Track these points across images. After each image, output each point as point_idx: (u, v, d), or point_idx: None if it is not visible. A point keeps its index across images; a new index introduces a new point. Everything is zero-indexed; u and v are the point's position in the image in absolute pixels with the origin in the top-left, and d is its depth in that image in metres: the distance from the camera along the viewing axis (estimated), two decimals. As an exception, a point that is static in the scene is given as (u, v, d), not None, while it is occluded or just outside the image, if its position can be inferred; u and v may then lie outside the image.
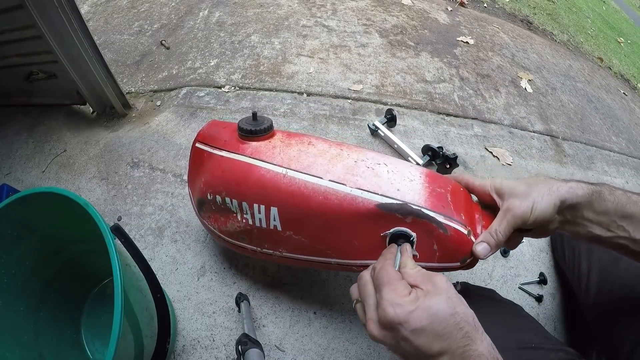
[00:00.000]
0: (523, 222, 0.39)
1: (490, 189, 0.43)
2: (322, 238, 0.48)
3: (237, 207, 0.51)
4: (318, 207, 0.45)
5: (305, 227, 0.48)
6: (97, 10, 1.37)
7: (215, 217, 0.55)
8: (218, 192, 0.51)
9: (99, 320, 0.59)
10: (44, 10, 0.70)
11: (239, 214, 0.51)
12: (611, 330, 0.51)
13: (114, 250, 0.40)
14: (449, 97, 1.09)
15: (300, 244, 0.49)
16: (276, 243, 0.51)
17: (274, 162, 0.48)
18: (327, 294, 0.66)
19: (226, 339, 0.60)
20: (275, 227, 0.49)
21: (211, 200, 0.53)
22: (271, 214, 0.48)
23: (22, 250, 0.50)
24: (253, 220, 0.50)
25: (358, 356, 0.61)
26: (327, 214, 0.45)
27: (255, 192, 0.48)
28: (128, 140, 0.86)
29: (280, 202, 0.47)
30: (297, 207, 0.46)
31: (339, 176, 0.45)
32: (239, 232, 0.53)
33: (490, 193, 0.43)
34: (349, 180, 0.44)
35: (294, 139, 0.51)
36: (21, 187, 0.78)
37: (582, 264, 0.63)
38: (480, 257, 0.41)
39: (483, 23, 1.58)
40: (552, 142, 1.07)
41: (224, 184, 0.51)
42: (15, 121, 0.92)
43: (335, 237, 0.47)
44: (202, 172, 0.54)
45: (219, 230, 0.55)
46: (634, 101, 1.58)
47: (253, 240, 0.53)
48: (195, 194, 0.56)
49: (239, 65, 1.07)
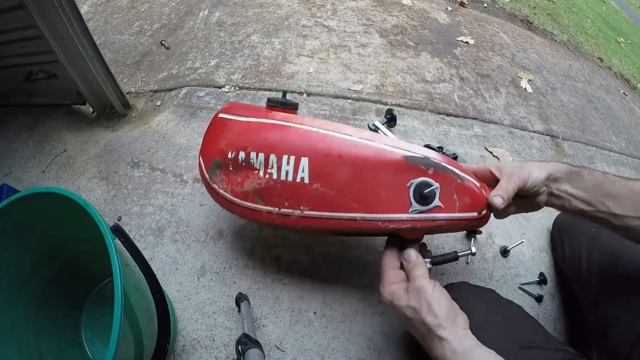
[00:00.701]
0: (523, 183, 0.47)
1: (491, 167, 0.51)
2: (349, 190, 0.49)
3: (261, 162, 0.52)
4: (349, 157, 0.49)
5: (333, 179, 0.50)
6: (97, 10, 1.37)
7: (230, 179, 0.55)
8: (242, 148, 0.53)
9: (99, 320, 0.59)
10: (44, 10, 0.70)
11: (262, 170, 0.52)
12: (611, 330, 0.51)
13: (114, 250, 0.40)
14: (449, 97, 1.09)
15: (325, 198, 0.50)
16: (299, 199, 0.51)
17: (305, 123, 0.52)
18: (327, 294, 0.66)
19: (226, 339, 0.60)
20: (302, 179, 0.50)
21: (231, 159, 0.54)
22: (300, 165, 0.50)
23: (22, 250, 0.50)
24: (279, 173, 0.51)
25: (358, 356, 0.61)
26: (357, 164, 0.49)
27: (286, 145, 0.51)
28: (128, 140, 0.86)
29: (312, 152, 0.50)
30: (329, 156, 0.49)
31: (368, 136, 0.50)
32: (256, 191, 0.53)
33: (492, 170, 0.51)
34: (377, 139, 0.50)
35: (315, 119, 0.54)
36: (21, 187, 0.78)
37: (582, 264, 0.63)
38: (496, 206, 0.46)
39: (483, 23, 1.58)
40: (552, 142, 1.07)
41: (252, 139, 0.53)
42: (15, 121, 0.92)
43: (362, 188, 0.49)
44: (225, 136, 0.56)
45: (232, 193, 0.54)
46: (634, 101, 1.58)
47: (272, 199, 0.52)
48: (211, 157, 0.57)
49: (239, 65, 1.07)
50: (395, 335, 0.63)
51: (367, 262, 0.70)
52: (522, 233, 0.80)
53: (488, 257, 0.74)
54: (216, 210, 0.74)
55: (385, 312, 0.65)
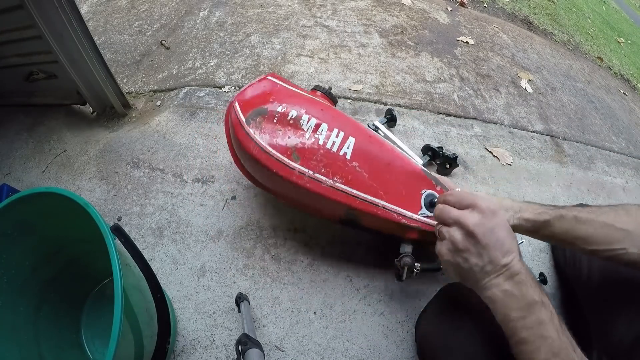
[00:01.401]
0: None
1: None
2: (380, 178, 0.56)
3: (311, 126, 0.56)
4: (387, 152, 0.58)
5: (370, 164, 0.56)
6: (97, 10, 1.37)
7: (271, 129, 0.56)
8: (296, 108, 0.57)
9: (99, 320, 0.59)
10: (44, 10, 0.70)
11: (310, 132, 0.56)
12: (612, 330, 0.51)
13: (114, 250, 0.40)
14: (449, 97, 1.09)
15: (359, 177, 0.55)
16: (336, 170, 0.55)
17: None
18: (327, 294, 0.66)
19: (226, 339, 0.60)
20: (345, 154, 0.56)
21: (280, 113, 0.56)
22: (347, 142, 0.56)
23: (22, 250, 0.50)
24: (326, 141, 0.56)
25: (358, 356, 0.61)
26: (390, 159, 0.57)
27: (338, 121, 0.58)
28: (128, 140, 0.86)
29: (359, 135, 0.57)
30: (372, 144, 0.58)
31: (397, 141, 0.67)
32: (297, 149, 0.55)
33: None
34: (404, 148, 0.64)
35: None
36: (21, 187, 0.78)
37: (582, 264, 0.63)
38: None
39: (483, 23, 1.58)
40: (552, 142, 1.07)
41: (307, 104, 0.58)
42: (15, 121, 0.92)
43: (390, 180, 0.57)
44: (275, 93, 0.59)
45: (268, 143, 0.55)
46: (634, 101, 1.58)
47: (310, 162, 0.54)
48: (254, 104, 0.58)
49: (239, 65, 1.07)
50: (395, 335, 0.63)
51: (368, 262, 0.70)
52: (522, 233, 0.80)
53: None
54: (216, 210, 0.74)
55: (385, 312, 0.65)
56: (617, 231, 0.46)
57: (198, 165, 0.81)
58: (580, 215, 0.48)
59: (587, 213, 0.48)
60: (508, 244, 0.40)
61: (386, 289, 0.68)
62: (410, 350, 0.62)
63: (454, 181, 0.86)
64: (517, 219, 0.49)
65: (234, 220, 0.73)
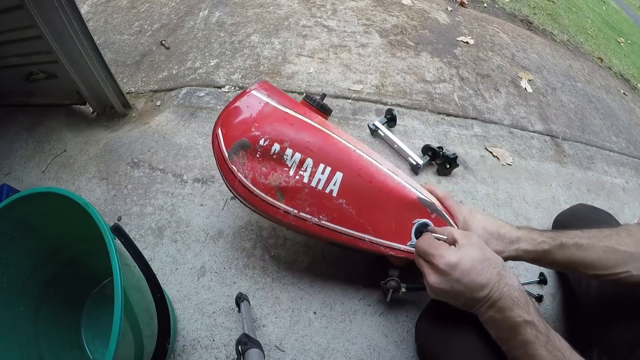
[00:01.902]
0: None
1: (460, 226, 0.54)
2: (368, 213, 0.54)
3: (295, 162, 0.53)
4: (377, 184, 0.54)
5: (358, 199, 0.54)
6: (97, 10, 1.37)
7: (253, 166, 0.53)
8: (279, 141, 0.52)
9: (99, 320, 0.59)
10: (44, 10, 0.70)
11: (294, 169, 0.53)
12: (611, 330, 0.51)
13: (114, 250, 0.40)
14: (449, 97, 1.09)
15: (346, 214, 0.54)
16: (322, 208, 0.53)
17: (343, 138, 0.55)
18: (327, 294, 0.66)
19: (226, 339, 0.60)
20: (331, 191, 0.53)
21: (262, 147, 0.53)
22: (334, 178, 0.53)
23: (22, 250, 0.50)
24: (310, 179, 0.53)
25: (358, 356, 0.61)
26: (382, 193, 0.54)
27: (325, 154, 0.53)
28: (128, 140, 0.86)
29: (348, 169, 0.53)
30: (361, 178, 0.54)
31: (392, 168, 0.56)
32: (281, 188, 0.52)
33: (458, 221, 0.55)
34: (399, 173, 0.56)
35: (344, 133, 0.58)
36: (21, 187, 0.78)
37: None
38: None
39: (483, 23, 1.58)
40: (552, 142, 1.07)
41: (291, 136, 0.53)
42: (15, 121, 0.92)
43: (380, 215, 0.54)
44: (258, 119, 0.54)
45: (251, 181, 0.53)
46: (634, 101, 1.58)
47: (294, 201, 0.53)
48: (236, 135, 0.54)
49: (239, 65, 1.07)
50: (395, 335, 0.63)
51: (368, 261, 0.70)
52: (522, 233, 0.80)
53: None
54: (216, 210, 0.74)
55: (385, 312, 0.65)
56: (620, 254, 0.46)
57: (198, 165, 0.81)
58: (581, 242, 0.48)
59: (588, 238, 0.48)
60: (482, 278, 0.41)
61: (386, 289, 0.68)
62: (410, 350, 0.62)
63: (454, 181, 0.86)
64: (515, 251, 0.49)
65: (234, 220, 0.73)
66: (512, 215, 0.83)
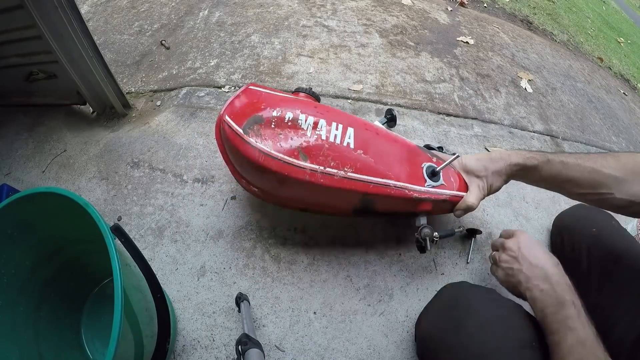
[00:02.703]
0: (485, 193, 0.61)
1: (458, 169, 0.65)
2: (385, 160, 0.59)
3: (310, 124, 0.57)
4: (383, 135, 0.62)
5: (373, 149, 0.59)
6: (97, 10, 1.37)
7: (272, 134, 0.55)
8: (290, 110, 0.57)
9: (99, 320, 0.59)
10: (44, 10, 0.70)
11: (310, 130, 0.57)
12: (611, 331, 0.51)
13: (114, 250, 0.40)
14: (449, 97, 1.09)
15: (367, 164, 0.58)
16: (345, 161, 0.57)
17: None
18: (327, 294, 0.66)
19: (226, 339, 0.60)
20: (348, 144, 0.58)
21: (276, 117, 0.56)
22: (347, 132, 0.58)
23: (22, 250, 0.50)
24: (328, 135, 0.57)
25: (358, 356, 0.61)
26: (389, 141, 0.61)
27: (334, 115, 0.60)
28: (128, 140, 0.86)
29: (356, 125, 0.60)
30: (369, 131, 0.61)
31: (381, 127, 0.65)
32: (302, 148, 0.55)
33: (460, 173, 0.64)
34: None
35: None
36: (21, 187, 0.78)
37: (582, 263, 0.63)
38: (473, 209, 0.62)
39: (483, 23, 1.58)
40: (552, 142, 1.07)
41: (300, 105, 0.59)
42: (15, 121, 0.92)
43: (393, 160, 0.60)
44: (265, 100, 0.59)
45: (273, 148, 0.54)
46: (634, 101, 1.58)
47: (318, 158, 0.55)
48: (247, 114, 0.56)
49: (239, 65, 1.07)
50: (395, 335, 0.63)
51: (368, 261, 0.70)
52: (522, 233, 0.80)
53: (488, 257, 0.74)
54: (216, 210, 0.74)
55: (385, 312, 0.65)
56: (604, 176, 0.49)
57: (198, 165, 0.81)
58: (567, 160, 0.52)
59: (574, 158, 0.52)
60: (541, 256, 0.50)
61: (386, 289, 0.68)
62: (410, 350, 0.62)
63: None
64: (508, 166, 0.57)
65: (234, 220, 0.73)
66: (512, 215, 0.83)
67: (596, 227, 0.65)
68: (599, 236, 0.63)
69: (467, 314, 0.44)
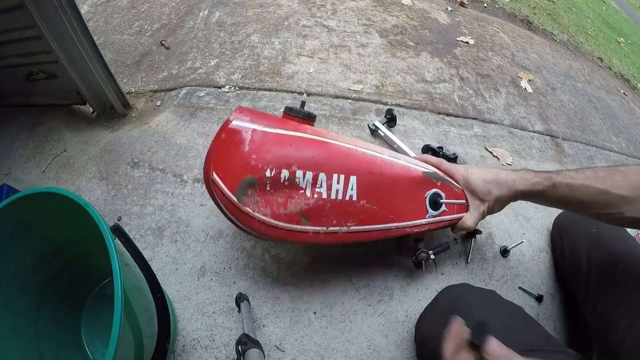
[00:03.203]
0: (484, 216, 0.60)
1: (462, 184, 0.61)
2: (388, 204, 0.56)
3: (309, 181, 0.51)
4: (388, 174, 0.56)
5: (377, 195, 0.55)
6: (97, 10, 1.37)
7: (269, 200, 0.50)
8: (286, 166, 0.50)
9: (99, 320, 0.59)
10: (44, 10, 0.70)
11: (309, 189, 0.51)
12: (611, 332, 0.51)
13: (114, 250, 0.40)
14: (449, 97, 1.09)
15: (370, 213, 0.55)
16: (348, 216, 0.54)
17: (340, 140, 0.55)
18: (327, 294, 0.66)
19: (226, 339, 0.60)
20: (351, 197, 0.54)
21: (271, 178, 0.49)
22: (350, 184, 0.53)
23: (22, 250, 0.50)
24: (329, 192, 0.52)
25: (358, 356, 0.61)
26: (393, 181, 0.57)
27: (335, 163, 0.53)
28: (128, 140, 0.86)
29: (359, 171, 0.54)
30: (373, 174, 0.55)
31: (392, 154, 0.59)
32: (303, 213, 0.51)
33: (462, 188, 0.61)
34: (399, 157, 0.59)
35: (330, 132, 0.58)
36: (21, 187, 0.78)
37: (581, 265, 0.63)
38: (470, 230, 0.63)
39: (483, 23, 1.58)
40: (552, 142, 1.07)
41: (296, 157, 0.51)
42: (15, 121, 0.92)
43: (397, 201, 0.57)
44: (253, 151, 0.50)
45: (272, 217, 0.50)
46: (634, 101, 1.58)
47: (320, 219, 0.52)
48: (238, 175, 0.49)
49: (239, 65, 1.07)
50: (395, 335, 0.63)
51: (368, 262, 0.70)
52: (522, 233, 0.80)
53: (488, 257, 0.74)
54: (216, 210, 0.74)
55: (385, 312, 0.65)
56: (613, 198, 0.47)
57: (198, 165, 0.81)
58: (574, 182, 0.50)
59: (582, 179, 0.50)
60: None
61: (386, 289, 0.68)
62: (410, 351, 0.62)
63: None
64: (513, 193, 0.55)
65: (234, 220, 0.73)
66: (512, 216, 0.83)
67: (596, 227, 0.65)
68: (599, 236, 0.63)
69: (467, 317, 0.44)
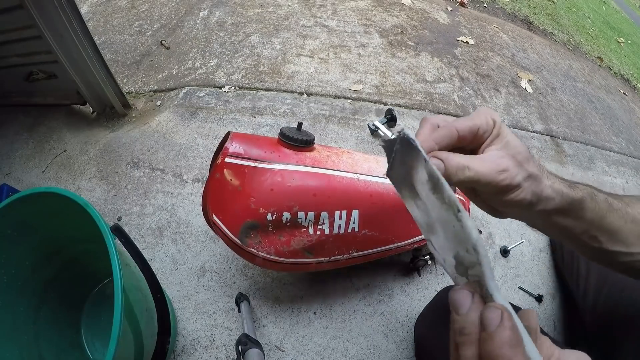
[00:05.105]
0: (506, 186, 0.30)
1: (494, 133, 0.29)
2: (389, 228, 0.56)
3: (311, 220, 0.50)
4: (389, 201, 0.54)
5: (379, 222, 0.54)
6: (97, 10, 1.37)
7: (272, 240, 0.50)
8: (287, 209, 0.48)
9: (99, 320, 0.59)
10: (44, 10, 0.70)
11: (312, 227, 0.50)
12: (610, 333, 0.51)
13: (114, 250, 0.40)
14: (449, 97, 1.09)
15: (372, 239, 0.55)
16: (350, 245, 0.54)
17: (341, 168, 0.53)
18: (327, 294, 0.66)
19: (226, 339, 0.60)
20: (353, 229, 0.53)
21: (272, 221, 0.48)
22: (352, 217, 0.52)
23: (22, 250, 0.50)
24: (331, 228, 0.51)
25: (358, 356, 0.61)
26: (395, 206, 0.54)
27: (336, 199, 0.51)
28: (128, 140, 0.86)
29: (361, 203, 0.52)
30: (375, 205, 0.53)
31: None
32: (305, 248, 0.51)
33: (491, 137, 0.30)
34: None
35: (329, 149, 0.56)
36: (21, 187, 0.78)
37: (580, 267, 0.63)
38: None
39: (483, 23, 1.58)
40: (552, 142, 1.07)
41: (296, 198, 0.49)
42: (15, 121, 0.92)
43: (397, 223, 0.56)
44: (251, 193, 0.48)
45: (275, 254, 0.50)
46: (634, 101, 1.58)
47: (323, 252, 0.52)
48: (238, 219, 0.49)
49: (239, 65, 1.07)
50: (395, 335, 0.63)
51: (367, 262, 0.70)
52: (522, 233, 0.80)
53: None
54: (216, 210, 0.74)
55: (385, 312, 0.65)
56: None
57: (198, 165, 0.81)
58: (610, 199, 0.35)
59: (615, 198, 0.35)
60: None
61: (386, 289, 0.68)
62: (410, 351, 0.62)
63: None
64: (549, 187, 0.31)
65: (234, 220, 0.73)
66: (512, 215, 0.83)
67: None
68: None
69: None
